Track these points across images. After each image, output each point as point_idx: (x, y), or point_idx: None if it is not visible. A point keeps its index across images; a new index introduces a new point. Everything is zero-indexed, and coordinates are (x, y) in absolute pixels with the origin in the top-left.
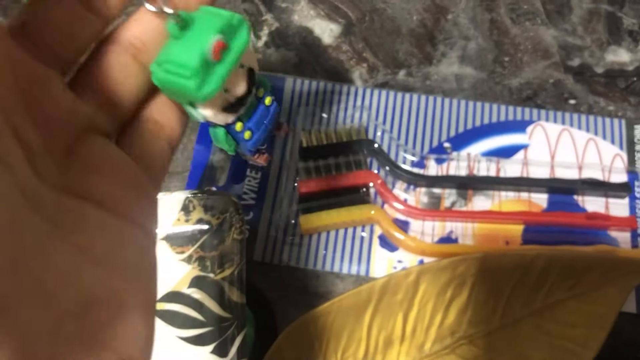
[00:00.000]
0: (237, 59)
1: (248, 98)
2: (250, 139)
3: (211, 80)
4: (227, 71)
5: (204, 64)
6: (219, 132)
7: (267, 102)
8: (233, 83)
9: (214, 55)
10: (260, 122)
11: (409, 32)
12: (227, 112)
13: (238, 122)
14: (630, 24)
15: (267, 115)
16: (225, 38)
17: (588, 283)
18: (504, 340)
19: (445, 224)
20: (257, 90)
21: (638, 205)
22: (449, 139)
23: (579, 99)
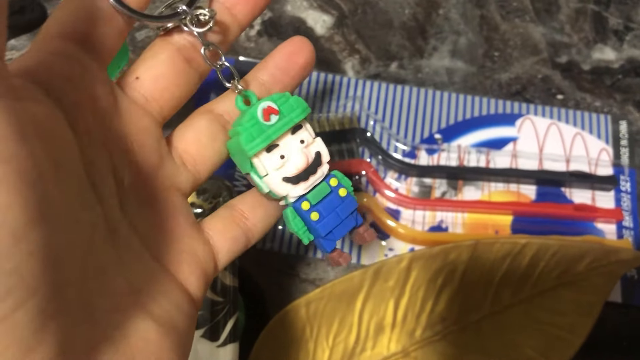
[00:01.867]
0: (286, 124)
1: (312, 178)
2: (317, 220)
3: (259, 136)
4: (276, 132)
5: (254, 122)
6: (287, 211)
7: (342, 193)
8: (290, 152)
9: (263, 116)
10: (330, 207)
11: (401, 25)
12: (287, 182)
13: (305, 201)
14: (616, 24)
15: (339, 204)
16: (278, 106)
17: (576, 272)
18: (493, 327)
19: (436, 213)
20: (330, 179)
21: (623, 197)
22: (440, 131)
23: (567, 95)
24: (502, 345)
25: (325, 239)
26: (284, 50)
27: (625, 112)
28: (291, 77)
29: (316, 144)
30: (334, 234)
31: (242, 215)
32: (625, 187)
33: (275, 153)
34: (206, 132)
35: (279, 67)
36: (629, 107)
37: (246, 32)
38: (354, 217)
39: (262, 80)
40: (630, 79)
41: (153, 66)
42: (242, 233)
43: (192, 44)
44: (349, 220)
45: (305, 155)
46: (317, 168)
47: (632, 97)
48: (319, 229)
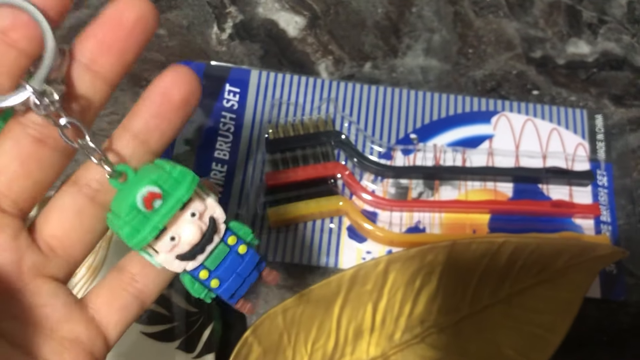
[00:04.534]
0: (172, 208)
1: (208, 246)
2: (218, 287)
3: (144, 229)
4: (162, 221)
5: (135, 213)
6: (183, 279)
7: (241, 250)
8: (180, 230)
9: (145, 206)
10: (230, 271)
11: (374, 24)
12: (183, 259)
13: (203, 270)
14: (589, 17)
15: (239, 264)
16: (162, 188)
17: (554, 269)
18: (473, 328)
19: (413, 214)
20: (229, 237)
21: (601, 192)
22: (415, 130)
23: (542, 90)
24: (482, 346)
25: (229, 298)
26: (156, 89)
27: (601, 106)
28: (169, 121)
29: (209, 208)
30: (237, 294)
31: (130, 278)
32: (602, 182)
33: (164, 237)
34: (71, 211)
35: (152, 112)
36: (605, 100)
37: (218, 36)
38: (256, 270)
39: (135, 131)
40: (605, 73)
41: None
42: (132, 299)
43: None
44: (251, 276)
45: (199, 227)
46: (213, 236)
47: (607, 91)
48: (221, 295)
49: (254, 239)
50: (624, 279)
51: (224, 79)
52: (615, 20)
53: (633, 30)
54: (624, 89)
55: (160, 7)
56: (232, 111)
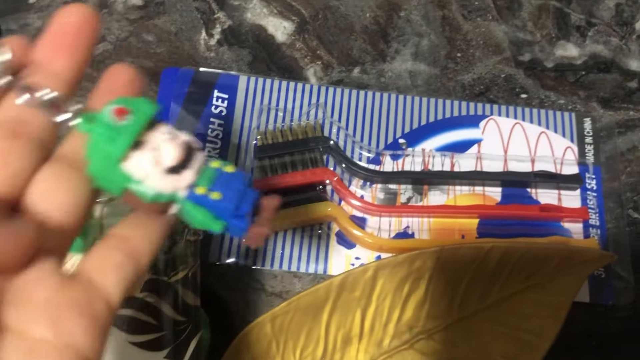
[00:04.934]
0: (143, 118)
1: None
2: (220, 199)
3: (121, 135)
4: (137, 126)
5: (109, 127)
6: (185, 205)
7: (229, 169)
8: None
9: (116, 117)
10: (226, 185)
11: (363, 29)
12: (171, 173)
13: (198, 187)
14: (578, 20)
15: (232, 179)
16: (126, 106)
17: (543, 274)
18: (461, 334)
19: (402, 219)
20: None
21: (589, 196)
22: (404, 135)
23: (530, 93)
24: (471, 351)
25: (236, 216)
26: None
27: (589, 109)
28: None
29: (181, 134)
30: (241, 208)
31: (120, 239)
32: (591, 185)
33: (145, 148)
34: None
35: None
36: (593, 103)
37: (206, 42)
38: (252, 190)
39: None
40: (593, 75)
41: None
42: (125, 256)
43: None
44: (249, 192)
45: (177, 144)
46: (193, 154)
47: (595, 94)
48: (227, 206)
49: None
50: (613, 282)
51: (212, 84)
52: (603, 23)
53: (621, 33)
54: (613, 92)
55: (149, 13)
56: (220, 117)
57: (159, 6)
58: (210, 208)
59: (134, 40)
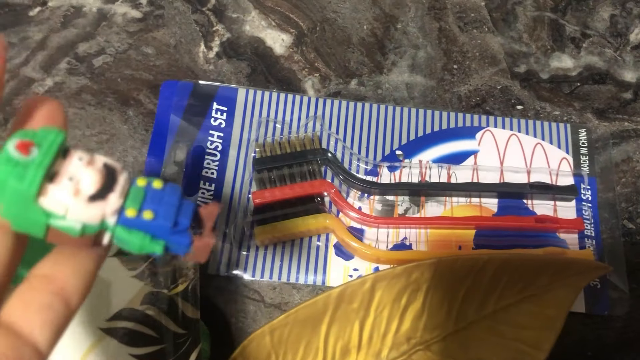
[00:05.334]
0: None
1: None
2: (154, 218)
3: (31, 169)
4: (46, 157)
5: (15, 164)
6: (117, 232)
7: (156, 184)
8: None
9: (21, 152)
10: (158, 201)
11: (360, 41)
12: (94, 200)
13: (128, 209)
14: (573, 31)
15: (163, 195)
16: (29, 138)
17: (538, 285)
18: (458, 345)
19: (399, 230)
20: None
21: (584, 207)
22: (401, 147)
23: (526, 105)
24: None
25: (175, 233)
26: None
27: (585, 120)
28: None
29: (98, 158)
30: (180, 223)
31: (45, 278)
32: (586, 196)
33: (61, 179)
34: None
35: None
36: (588, 114)
37: (205, 55)
38: (187, 201)
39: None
40: (588, 86)
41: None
42: (52, 296)
43: None
44: (186, 203)
45: (94, 168)
46: (116, 176)
47: (590, 105)
48: (162, 223)
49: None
50: (608, 293)
51: (211, 97)
52: (598, 34)
53: (616, 44)
54: (607, 103)
55: (148, 25)
56: (219, 130)
57: (158, 19)
58: (146, 229)
59: (133, 53)
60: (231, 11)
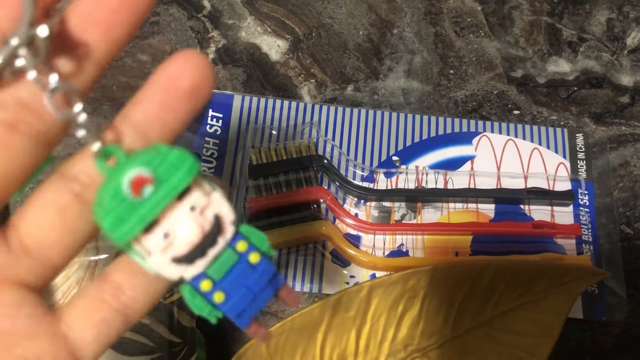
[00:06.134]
0: (166, 196)
1: (211, 251)
2: (223, 302)
3: (130, 219)
4: (152, 210)
5: (120, 200)
6: (183, 290)
7: (252, 259)
8: (176, 226)
9: (132, 191)
10: (238, 283)
11: (356, 47)
12: (179, 263)
13: (205, 280)
14: (569, 35)
15: (250, 275)
16: (154, 173)
17: (536, 292)
18: (456, 351)
19: (396, 237)
20: (238, 242)
21: (582, 212)
22: (397, 153)
23: (523, 110)
24: None
25: (237, 318)
26: (161, 75)
27: (582, 125)
28: (174, 112)
29: (214, 204)
30: (246, 312)
31: (115, 288)
32: (583, 201)
33: (155, 232)
34: (53, 207)
35: (155, 99)
36: (585, 119)
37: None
38: (271, 285)
39: (135, 120)
40: (585, 91)
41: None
42: (114, 313)
43: (18, 100)
44: (264, 292)
45: (199, 225)
46: (217, 237)
47: (587, 109)
48: (227, 313)
49: (269, 249)
50: (606, 298)
51: (207, 103)
52: (594, 38)
53: (613, 48)
54: (605, 107)
55: (143, 32)
56: (215, 136)
57: (153, 26)
58: (210, 302)
59: (128, 60)
60: (227, 17)
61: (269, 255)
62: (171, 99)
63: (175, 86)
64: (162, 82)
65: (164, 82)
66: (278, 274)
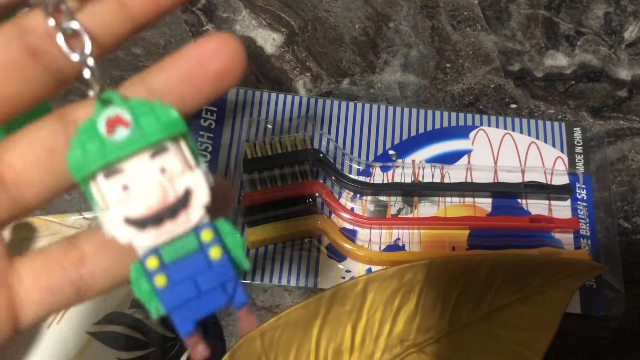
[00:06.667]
0: (135, 142)
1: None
2: (162, 288)
3: (93, 154)
4: (117, 151)
5: (92, 134)
6: (130, 267)
7: (213, 253)
8: (138, 182)
9: (106, 127)
10: (187, 274)
11: (352, 40)
12: (131, 225)
13: (153, 257)
14: (567, 29)
15: (203, 270)
16: (134, 116)
17: (533, 286)
18: (452, 347)
19: (392, 231)
20: (204, 230)
21: (579, 206)
22: (394, 147)
23: (520, 103)
24: None
25: (175, 313)
26: (192, 52)
27: (579, 118)
28: (195, 88)
29: (190, 178)
30: (188, 309)
31: (79, 257)
32: (581, 195)
33: (115, 181)
34: (43, 144)
35: (179, 72)
36: (583, 112)
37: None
38: (225, 293)
39: (152, 85)
40: (582, 85)
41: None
42: (69, 283)
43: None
44: (214, 295)
45: (163, 190)
46: (180, 212)
47: (585, 103)
48: (163, 301)
49: (242, 258)
50: (604, 293)
51: None
52: (592, 32)
53: (610, 42)
54: (602, 101)
55: None
56: (209, 130)
57: None
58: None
59: (121, 53)
60: (221, 11)
61: (240, 263)
62: (196, 77)
63: (204, 66)
64: (192, 58)
65: (193, 59)
66: (239, 286)
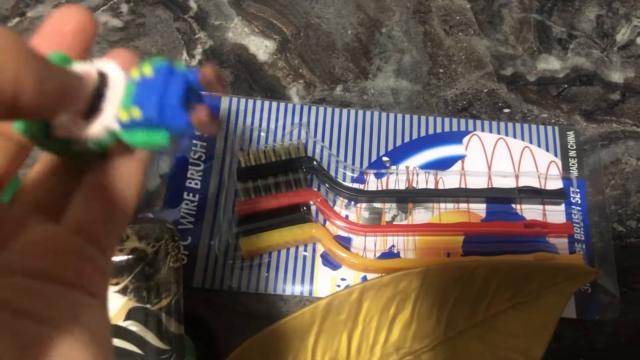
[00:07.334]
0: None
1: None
2: (142, 111)
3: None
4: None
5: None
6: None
7: (147, 70)
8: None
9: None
10: (146, 91)
11: (344, 46)
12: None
13: (120, 113)
14: (559, 32)
15: (154, 82)
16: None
17: (528, 292)
18: (448, 354)
19: (387, 238)
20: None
21: (574, 211)
22: (387, 153)
23: (513, 108)
24: None
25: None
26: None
27: (572, 122)
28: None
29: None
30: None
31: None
32: (575, 200)
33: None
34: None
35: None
36: (576, 116)
37: (187, 63)
38: (178, 77)
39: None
40: (575, 88)
41: None
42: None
43: None
44: (174, 80)
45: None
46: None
47: (578, 106)
48: (149, 116)
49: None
50: (599, 297)
51: None
52: (584, 35)
53: (603, 45)
54: (595, 104)
55: (129, 34)
56: (202, 139)
57: (139, 27)
58: (143, 125)
59: None
60: (213, 18)
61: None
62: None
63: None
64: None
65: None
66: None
